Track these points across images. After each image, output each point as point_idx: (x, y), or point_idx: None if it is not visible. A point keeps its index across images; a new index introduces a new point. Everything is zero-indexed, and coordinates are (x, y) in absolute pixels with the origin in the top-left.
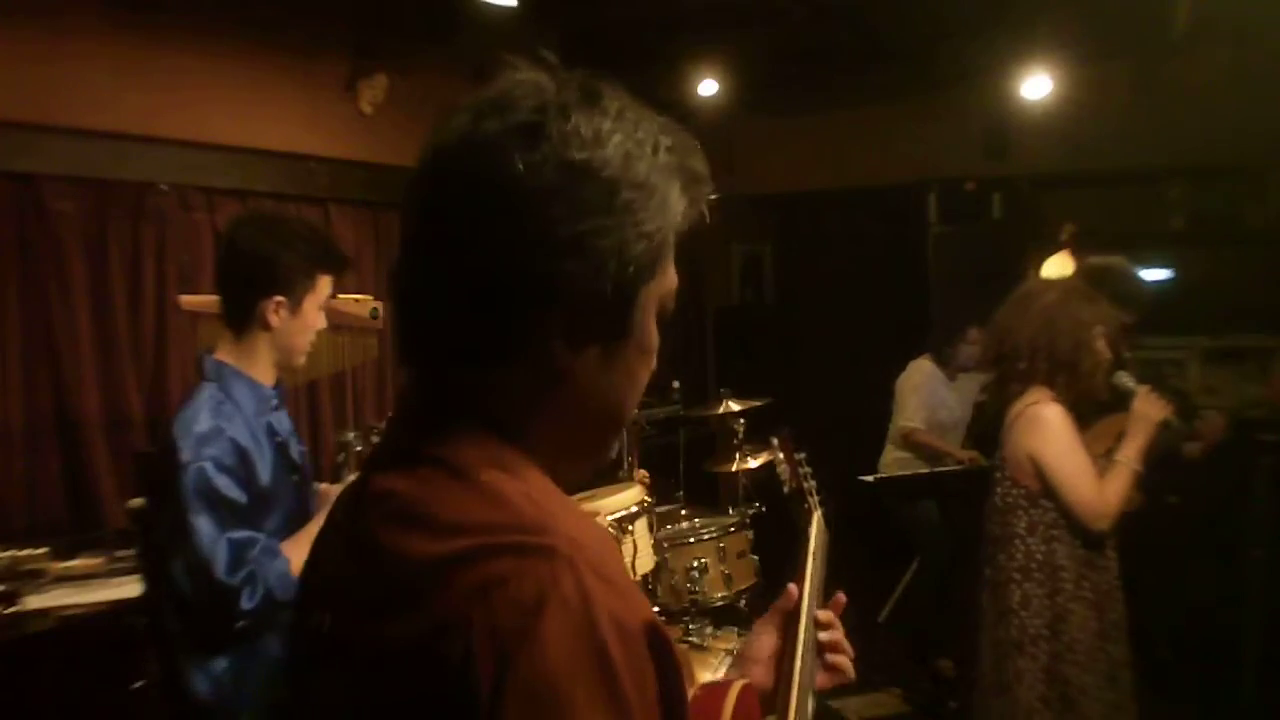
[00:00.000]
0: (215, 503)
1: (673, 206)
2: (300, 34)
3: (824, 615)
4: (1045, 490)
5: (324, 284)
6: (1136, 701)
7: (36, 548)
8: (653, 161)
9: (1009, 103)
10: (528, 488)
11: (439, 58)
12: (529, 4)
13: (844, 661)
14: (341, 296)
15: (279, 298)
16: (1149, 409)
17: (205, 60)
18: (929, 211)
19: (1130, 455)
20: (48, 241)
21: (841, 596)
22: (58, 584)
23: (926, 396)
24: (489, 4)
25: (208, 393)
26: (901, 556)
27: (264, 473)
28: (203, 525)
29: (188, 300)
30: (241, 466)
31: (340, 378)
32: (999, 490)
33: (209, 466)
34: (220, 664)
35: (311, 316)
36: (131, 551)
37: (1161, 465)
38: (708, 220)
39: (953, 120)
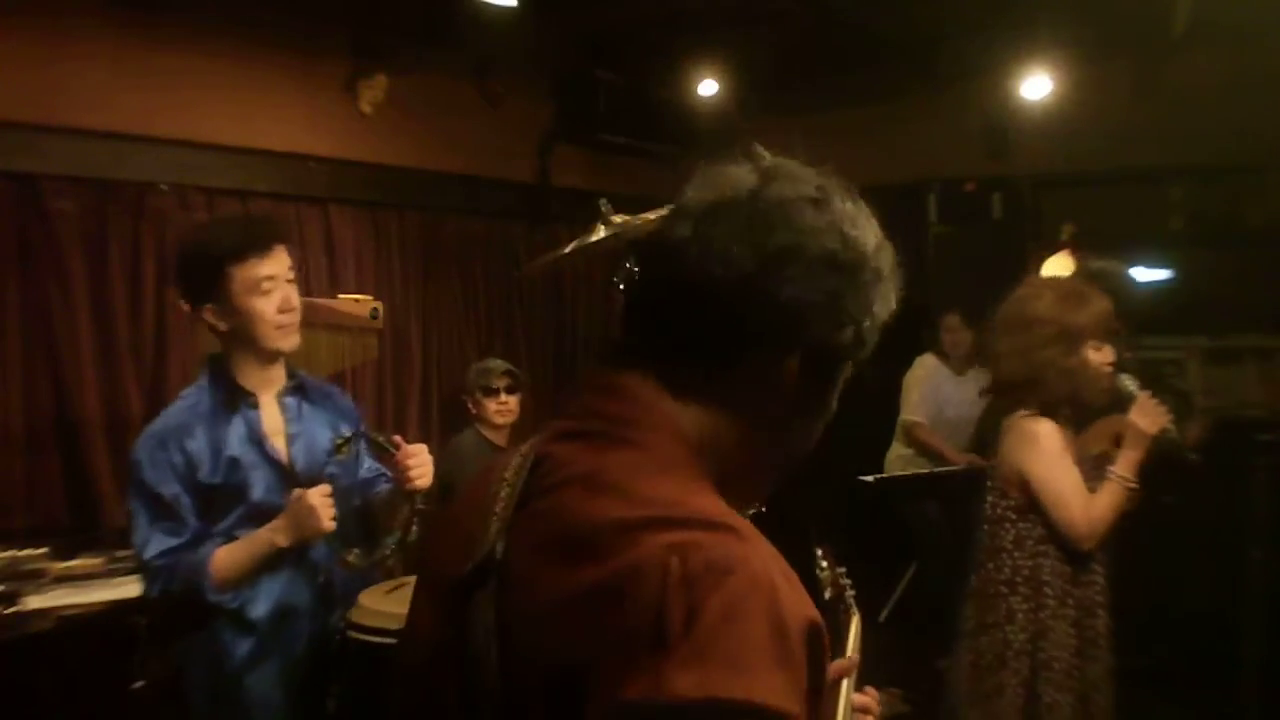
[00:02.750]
0: (147, 495)
1: (890, 300)
2: (300, 34)
3: (860, 700)
4: (1032, 505)
5: (243, 270)
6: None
7: (36, 548)
8: (886, 260)
9: (1009, 103)
10: (708, 489)
11: (439, 58)
12: (529, 4)
13: None
14: (342, 296)
15: (209, 306)
16: (1145, 421)
17: (205, 60)
18: (929, 211)
19: (1124, 471)
20: (48, 241)
21: (872, 690)
22: (58, 584)
23: (930, 392)
24: (489, 4)
25: (186, 393)
26: (901, 556)
27: (213, 475)
28: (136, 509)
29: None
30: (186, 466)
31: (340, 377)
32: (989, 500)
33: (144, 464)
34: (180, 647)
35: (249, 302)
36: (131, 551)
37: (1161, 468)
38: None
39: (953, 120)
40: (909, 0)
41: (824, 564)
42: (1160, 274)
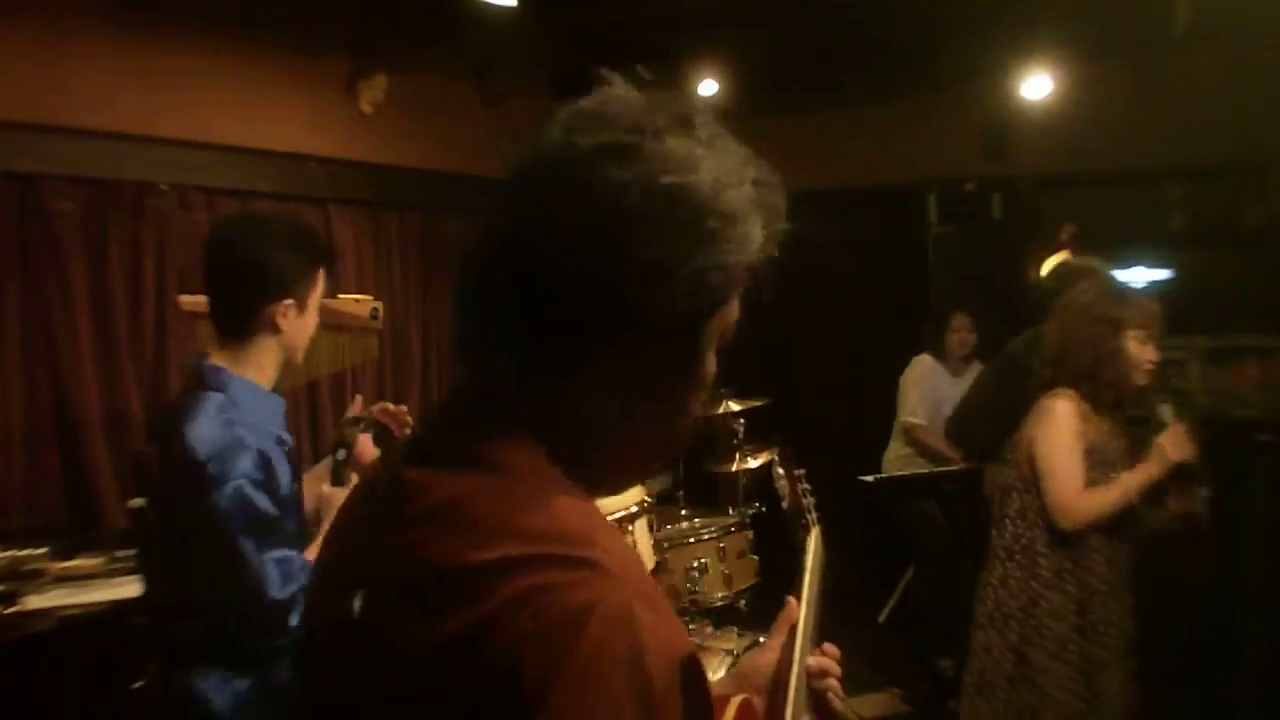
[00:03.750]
0: (254, 521)
1: (753, 240)
2: (300, 34)
3: (818, 663)
4: (1034, 477)
5: (321, 279)
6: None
7: (36, 548)
8: (739, 193)
9: (1009, 103)
10: (575, 502)
11: (439, 58)
12: (529, 4)
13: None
14: (342, 296)
15: (289, 301)
16: (1172, 448)
17: (205, 60)
18: (929, 211)
19: (1135, 481)
20: (48, 241)
21: (833, 649)
22: (58, 584)
23: (927, 391)
24: (489, 4)
25: (215, 403)
26: (901, 556)
27: (283, 480)
28: (247, 547)
29: (187, 300)
30: (268, 478)
31: (340, 377)
32: (1003, 468)
33: (245, 485)
34: (244, 684)
35: (314, 314)
36: (131, 551)
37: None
38: (777, 256)
39: (953, 120)
40: (909, 0)
41: (780, 471)
42: (1160, 274)
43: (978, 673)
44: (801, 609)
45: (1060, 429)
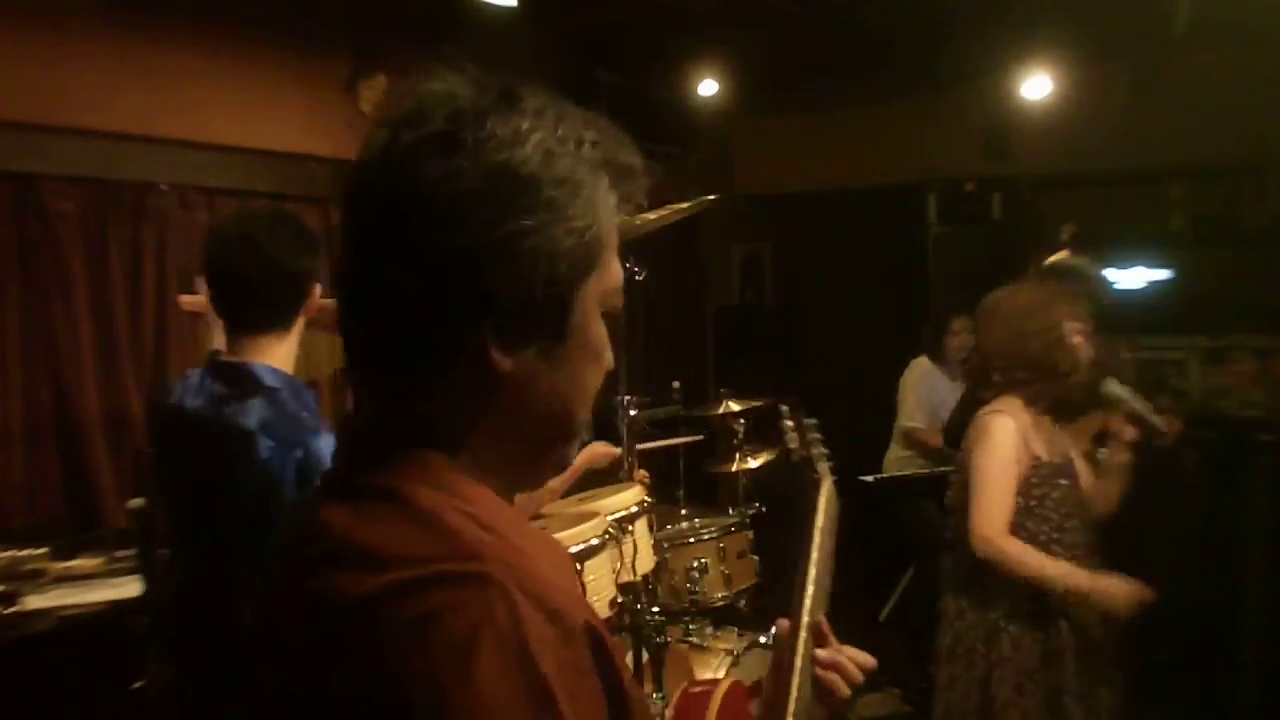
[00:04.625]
0: None
1: (602, 201)
2: (300, 34)
3: (826, 655)
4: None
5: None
6: None
7: (36, 548)
8: (576, 157)
9: (1009, 103)
10: (469, 506)
11: (439, 58)
12: (529, 4)
13: (834, 679)
14: None
15: (318, 284)
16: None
17: (205, 60)
18: (929, 212)
19: (1063, 579)
20: (48, 241)
21: (867, 659)
22: (58, 584)
23: (925, 395)
24: (489, 4)
25: (291, 404)
26: (901, 556)
27: None
28: None
29: (188, 300)
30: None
31: (339, 378)
32: (950, 493)
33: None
34: None
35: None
36: (131, 551)
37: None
38: (644, 211)
39: (953, 120)
40: (909, 1)
41: (789, 423)
42: (1160, 274)
43: (944, 708)
44: (810, 568)
45: (995, 453)
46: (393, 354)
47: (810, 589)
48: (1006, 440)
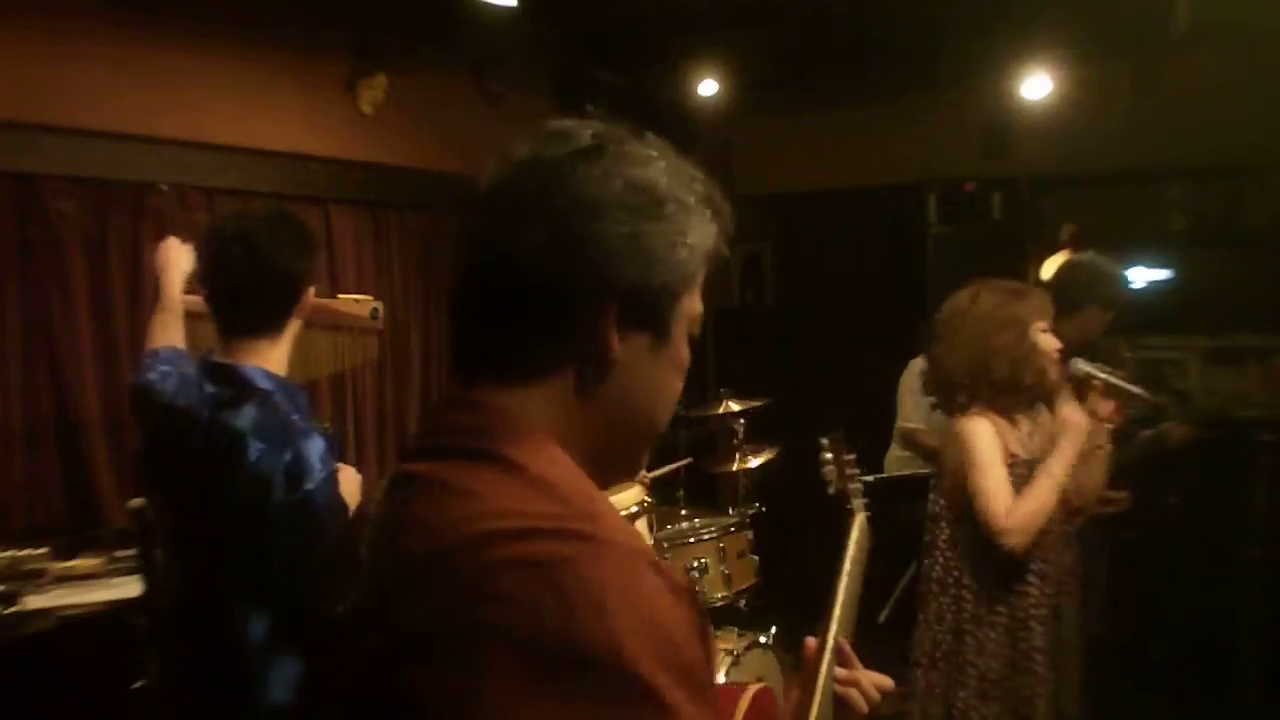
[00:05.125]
0: (338, 510)
1: (707, 229)
2: (300, 34)
3: (845, 674)
4: (965, 505)
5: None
6: None
7: (36, 548)
8: (690, 188)
9: (1009, 103)
10: (574, 478)
11: (439, 58)
12: (529, 4)
13: (854, 696)
14: (341, 296)
15: (311, 287)
16: (1077, 417)
17: (205, 60)
18: (929, 211)
19: (1056, 468)
20: (48, 241)
21: (887, 681)
22: (58, 584)
23: (922, 395)
24: (489, 4)
25: (284, 406)
26: (902, 556)
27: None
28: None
29: (188, 300)
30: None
31: (340, 377)
32: (931, 497)
33: (326, 473)
34: (296, 667)
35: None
36: (131, 551)
37: (1150, 464)
38: (727, 257)
39: (953, 120)
40: (909, 0)
41: (828, 456)
42: (1160, 274)
43: (920, 714)
44: (840, 593)
45: (982, 451)
46: (519, 334)
47: (837, 612)
48: (989, 444)
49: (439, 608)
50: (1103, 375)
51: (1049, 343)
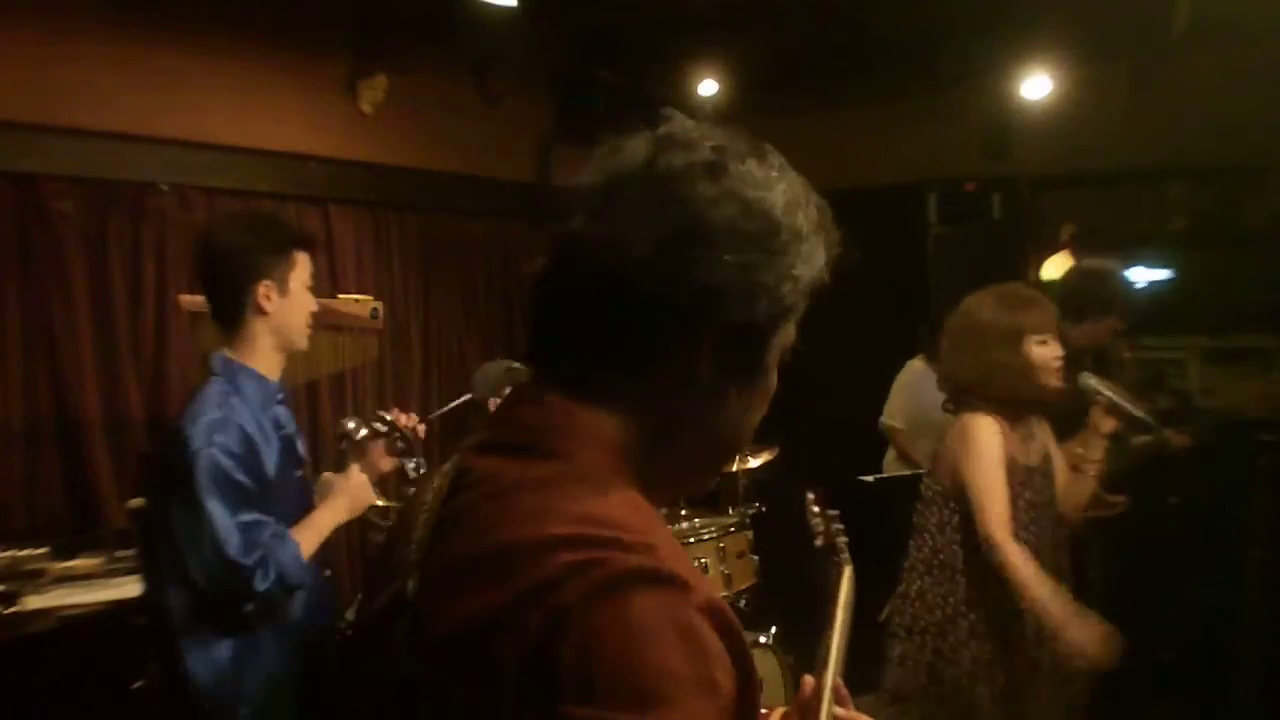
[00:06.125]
0: (226, 487)
1: (817, 259)
2: (300, 34)
3: (844, 715)
4: (958, 494)
5: (302, 261)
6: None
7: (36, 548)
8: (807, 214)
9: (1009, 103)
10: (635, 500)
11: (439, 58)
12: (529, 4)
13: None
14: (341, 296)
15: (267, 282)
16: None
17: (205, 60)
18: (929, 212)
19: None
20: (48, 241)
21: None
22: (58, 584)
23: (911, 396)
24: (489, 4)
25: (215, 386)
26: (901, 556)
27: (269, 463)
28: (215, 508)
29: (187, 300)
30: (249, 454)
31: (340, 377)
32: (925, 481)
33: (218, 452)
34: (223, 652)
35: (301, 295)
36: (131, 551)
37: (1148, 467)
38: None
39: (953, 120)
40: (909, 1)
41: (815, 509)
42: (1160, 274)
43: (894, 683)
44: (834, 638)
45: (985, 456)
46: (610, 344)
47: (834, 655)
48: (993, 443)
49: (490, 607)
50: (1107, 394)
51: (1044, 356)
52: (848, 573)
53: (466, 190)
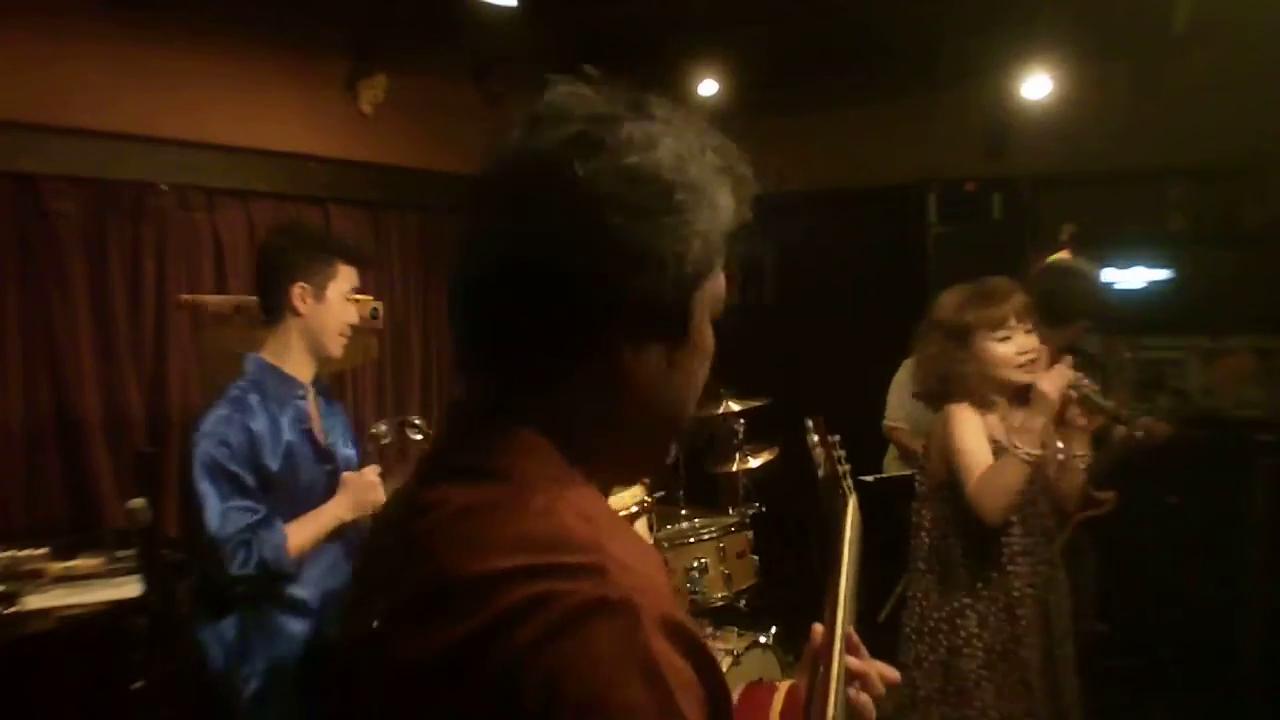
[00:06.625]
0: (219, 474)
1: (723, 207)
2: (300, 34)
3: (857, 664)
4: (947, 483)
5: (344, 273)
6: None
7: (36, 548)
8: (702, 163)
9: (1009, 103)
10: (583, 505)
11: (439, 58)
12: (529, 4)
13: (864, 700)
14: None
15: (301, 284)
16: (1046, 384)
17: (205, 60)
18: (929, 211)
19: (1021, 442)
20: (48, 241)
21: (892, 673)
22: (58, 584)
23: (907, 395)
24: (489, 4)
25: (233, 391)
26: (901, 556)
27: (273, 459)
28: (206, 490)
29: (187, 299)
30: (250, 449)
31: (340, 378)
32: (917, 479)
33: (216, 442)
34: (229, 631)
35: (338, 304)
36: (131, 551)
37: (1135, 463)
38: (752, 222)
39: (953, 120)
40: (909, 0)
41: (815, 438)
42: (1160, 274)
43: (911, 686)
44: (841, 580)
45: (969, 437)
46: (522, 348)
47: (842, 600)
48: (973, 422)
49: (448, 646)
50: (1081, 388)
51: (1002, 352)
52: (852, 504)
53: (466, 190)
